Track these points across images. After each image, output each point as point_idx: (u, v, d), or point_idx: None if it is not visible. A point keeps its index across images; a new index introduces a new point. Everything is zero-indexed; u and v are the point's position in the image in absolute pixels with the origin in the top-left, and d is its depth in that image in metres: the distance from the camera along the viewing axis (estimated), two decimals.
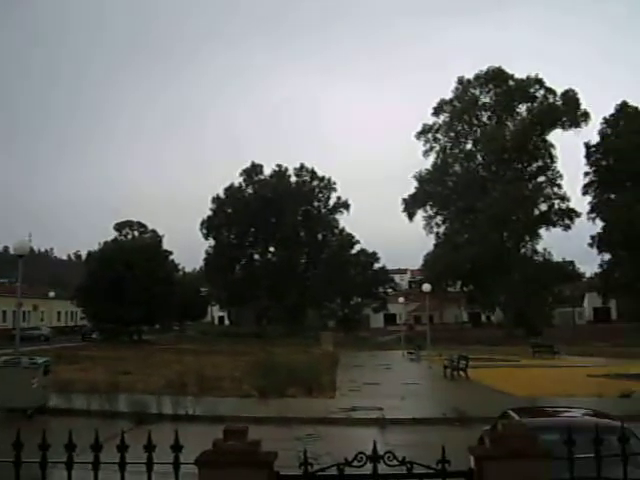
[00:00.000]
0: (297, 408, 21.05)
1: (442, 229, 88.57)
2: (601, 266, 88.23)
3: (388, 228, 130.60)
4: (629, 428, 7.02)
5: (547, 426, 7.24)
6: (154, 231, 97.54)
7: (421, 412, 21.03)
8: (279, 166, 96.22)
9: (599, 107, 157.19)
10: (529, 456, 4.75)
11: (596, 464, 5.16)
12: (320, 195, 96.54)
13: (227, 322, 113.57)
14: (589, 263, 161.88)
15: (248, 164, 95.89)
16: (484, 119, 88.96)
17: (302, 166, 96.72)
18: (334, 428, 18.27)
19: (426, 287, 47.30)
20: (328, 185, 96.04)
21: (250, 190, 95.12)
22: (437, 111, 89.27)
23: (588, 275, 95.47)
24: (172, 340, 74.94)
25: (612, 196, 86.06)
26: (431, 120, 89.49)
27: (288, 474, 5.08)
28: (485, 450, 4.87)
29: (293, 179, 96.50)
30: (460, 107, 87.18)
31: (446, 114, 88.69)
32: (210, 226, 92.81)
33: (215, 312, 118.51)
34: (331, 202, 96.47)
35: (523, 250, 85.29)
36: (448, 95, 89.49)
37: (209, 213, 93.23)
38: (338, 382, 29.25)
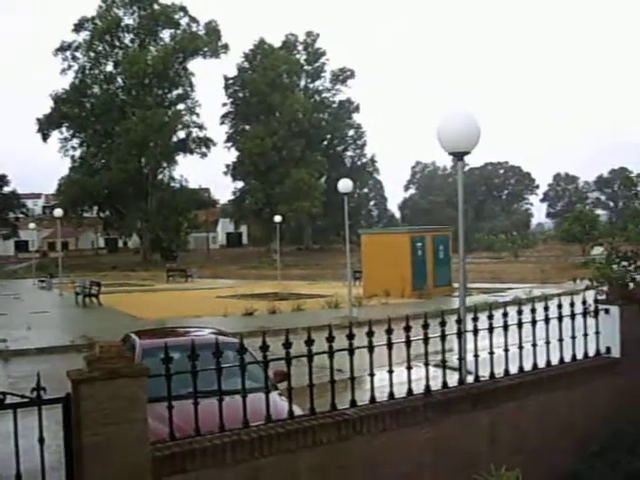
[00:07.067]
0: None
1: (79, 152, 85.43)
2: (234, 193, 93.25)
3: (21, 149, 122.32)
4: (243, 345, 7.59)
5: (169, 346, 7.43)
6: None
7: (48, 341, 20.43)
8: None
9: (241, 42, 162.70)
10: (125, 376, 4.84)
11: (192, 377, 5.49)
12: None
13: None
14: (223, 190, 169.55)
15: None
16: (127, 41, 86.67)
17: None
18: None
19: (58, 212, 45.42)
20: None
21: None
22: (78, 28, 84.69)
23: (222, 202, 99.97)
24: None
25: (247, 127, 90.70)
26: (71, 37, 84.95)
27: None
28: (81, 373, 4.84)
29: None
30: (102, 26, 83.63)
31: (87, 32, 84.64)
32: None
33: None
34: None
35: (160, 176, 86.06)
36: (91, 13, 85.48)
37: None
38: None
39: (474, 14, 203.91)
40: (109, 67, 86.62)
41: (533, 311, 7.36)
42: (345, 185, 25.21)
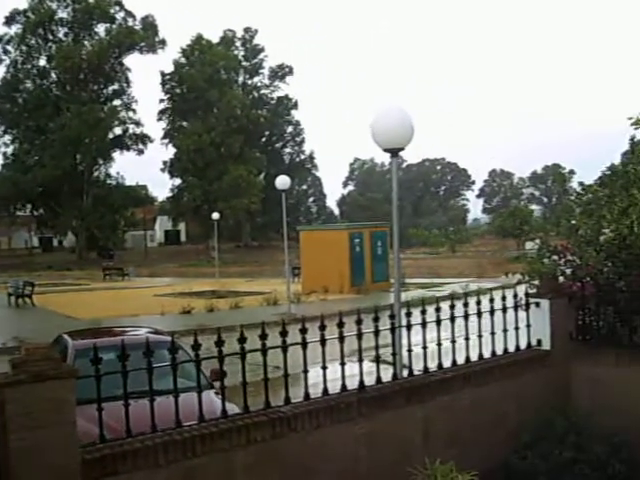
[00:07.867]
0: None
1: (11, 149, 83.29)
2: (172, 191, 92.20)
3: None
4: (177, 342, 7.51)
5: (102, 346, 7.29)
6: None
7: None
8: None
9: (178, 37, 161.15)
10: (52, 378, 4.72)
11: (121, 377, 5.40)
12: None
13: None
14: (161, 187, 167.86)
15: None
16: (60, 35, 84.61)
17: None
18: None
19: None
20: None
21: None
22: (9, 21, 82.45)
23: (160, 199, 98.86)
24: None
25: (184, 124, 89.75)
26: (2, 30, 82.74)
27: None
28: (6, 376, 4.70)
29: None
30: (35, 19, 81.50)
31: (19, 25, 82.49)
32: None
33: None
34: None
35: (96, 173, 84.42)
36: (23, 5, 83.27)
37: None
38: None
39: (409, 11, 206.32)
40: (42, 61, 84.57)
41: (466, 305, 7.47)
42: (283, 182, 25.20)
